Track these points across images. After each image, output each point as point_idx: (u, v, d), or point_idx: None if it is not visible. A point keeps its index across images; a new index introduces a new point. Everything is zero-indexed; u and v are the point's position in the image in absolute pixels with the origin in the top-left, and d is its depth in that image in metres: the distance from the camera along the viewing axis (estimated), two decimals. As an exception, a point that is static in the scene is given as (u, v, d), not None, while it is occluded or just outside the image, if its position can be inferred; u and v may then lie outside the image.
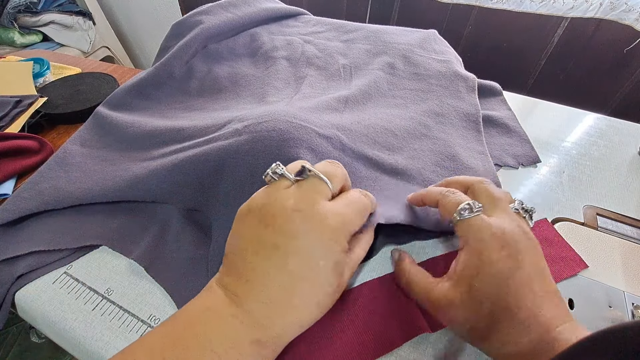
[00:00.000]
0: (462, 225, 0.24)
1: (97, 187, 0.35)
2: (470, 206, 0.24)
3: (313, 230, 0.21)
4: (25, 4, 1.21)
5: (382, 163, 0.36)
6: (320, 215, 0.21)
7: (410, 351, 0.26)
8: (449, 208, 0.25)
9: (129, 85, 0.48)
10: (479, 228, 0.23)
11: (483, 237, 0.22)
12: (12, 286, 0.30)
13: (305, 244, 0.20)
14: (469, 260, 0.23)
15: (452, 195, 0.26)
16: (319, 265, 0.20)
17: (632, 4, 0.81)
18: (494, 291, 0.21)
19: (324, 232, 0.21)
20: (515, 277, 0.21)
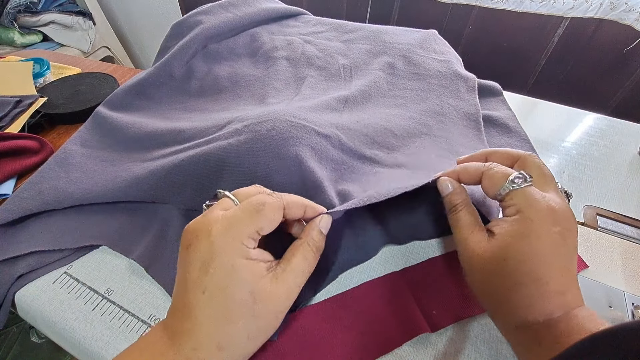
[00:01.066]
0: (516, 194, 0.23)
1: (97, 188, 0.35)
2: (524, 176, 0.23)
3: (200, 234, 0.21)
4: (25, 4, 1.21)
5: (381, 162, 0.36)
6: (208, 221, 0.21)
7: (410, 351, 0.26)
8: (496, 179, 0.24)
9: (129, 85, 0.48)
10: (536, 198, 0.22)
11: (539, 208, 0.22)
12: (12, 286, 0.30)
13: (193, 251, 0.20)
14: (519, 226, 0.22)
15: (498, 167, 0.25)
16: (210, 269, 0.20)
17: (632, 4, 0.81)
18: (534, 260, 0.21)
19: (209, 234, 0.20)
20: (560, 254, 0.21)
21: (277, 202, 0.22)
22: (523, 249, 0.21)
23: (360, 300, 0.28)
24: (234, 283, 0.20)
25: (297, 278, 0.22)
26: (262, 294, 0.20)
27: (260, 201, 0.22)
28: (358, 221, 0.32)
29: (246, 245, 0.21)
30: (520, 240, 0.21)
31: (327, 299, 0.28)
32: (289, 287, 0.22)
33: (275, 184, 0.31)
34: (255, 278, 0.20)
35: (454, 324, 0.27)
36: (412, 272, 0.30)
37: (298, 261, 0.23)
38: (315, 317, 0.27)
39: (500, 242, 0.22)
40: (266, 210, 0.22)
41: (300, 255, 0.23)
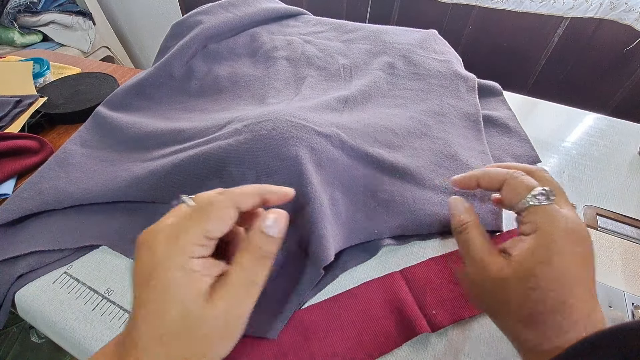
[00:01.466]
0: (536, 211, 0.22)
1: (97, 188, 0.35)
2: (547, 193, 0.22)
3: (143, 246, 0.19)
4: (25, 4, 1.21)
5: (382, 160, 0.36)
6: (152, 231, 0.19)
7: (410, 351, 0.26)
8: (519, 190, 0.23)
9: (129, 85, 0.48)
10: (557, 217, 0.21)
11: (562, 228, 0.21)
12: (12, 286, 0.30)
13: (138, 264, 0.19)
14: (540, 247, 0.21)
15: (523, 176, 0.23)
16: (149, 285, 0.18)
17: (632, 4, 0.81)
18: (557, 283, 0.20)
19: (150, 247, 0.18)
20: (583, 276, 0.20)
21: (224, 199, 0.20)
22: (551, 273, 0.20)
23: (360, 300, 0.28)
24: (166, 302, 0.18)
25: (237, 295, 0.19)
26: (192, 317, 0.18)
27: (206, 201, 0.20)
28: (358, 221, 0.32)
29: (191, 256, 0.18)
30: (547, 265, 0.20)
31: (327, 299, 0.28)
32: (226, 308, 0.18)
33: (275, 184, 0.31)
34: (189, 297, 0.18)
35: (454, 324, 0.27)
36: (412, 272, 0.30)
37: (233, 275, 0.19)
38: (315, 317, 0.27)
39: (524, 267, 0.21)
40: (213, 210, 0.19)
41: (237, 267, 0.19)
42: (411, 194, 0.34)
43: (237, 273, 0.19)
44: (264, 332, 0.26)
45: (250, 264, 0.20)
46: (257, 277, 0.20)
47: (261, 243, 0.20)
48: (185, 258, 0.18)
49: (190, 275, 0.18)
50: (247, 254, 0.20)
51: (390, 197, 0.34)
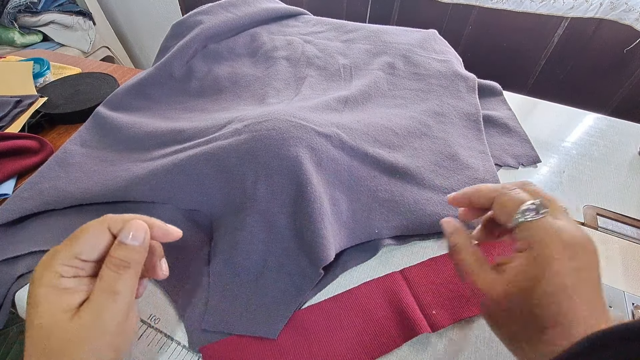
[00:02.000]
0: (528, 227, 0.21)
1: (97, 188, 0.35)
2: (536, 206, 0.21)
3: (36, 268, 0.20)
4: (25, 4, 1.21)
5: (382, 160, 0.36)
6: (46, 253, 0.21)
7: (410, 351, 0.26)
8: (508, 207, 0.22)
9: (129, 85, 0.48)
10: (547, 233, 0.20)
11: (553, 244, 0.20)
12: (12, 286, 0.30)
13: None
14: (531, 265, 0.20)
15: (512, 192, 0.23)
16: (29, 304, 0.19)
17: (632, 4, 0.81)
18: (552, 303, 0.19)
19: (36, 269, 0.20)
20: (580, 292, 0.19)
21: (96, 224, 0.22)
22: (544, 291, 0.19)
23: (360, 300, 0.28)
24: (32, 315, 0.19)
25: (102, 307, 0.20)
26: (56, 331, 0.19)
27: (82, 227, 0.22)
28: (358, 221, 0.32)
29: (60, 273, 0.20)
30: (539, 283, 0.20)
31: (327, 299, 0.28)
32: (91, 318, 0.19)
33: (276, 185, 0.31)
34: (52, 312, 0.19)
35: (453, 324, 0.27)
36: (412, 272, 0.30)
37: (96, 289, 0.20)
38: (316, 317, 0.27)
39: (516, 284, 0.21)
40: (82, 234, 0.21)
41: (98, 279, 0.20)
42: (411, 194, 0.34)
43: (97, 284, 0.20)
44: (264, 332, 0.26)
45: (109, 274, 0.20)
46: (116, 286, 0.20)
47: (118, 253, 0.21)
48: (55, 277, 0.20)
49: (54, 291, 0.19)
50: (106, 266, 0.21)
51: (391, 197, 0.34)
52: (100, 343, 0.20)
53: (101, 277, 0.20)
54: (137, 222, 0.22)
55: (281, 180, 0.31)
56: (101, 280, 0.20)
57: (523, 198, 0.22)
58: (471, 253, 0.24)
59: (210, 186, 0.33)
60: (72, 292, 0.20)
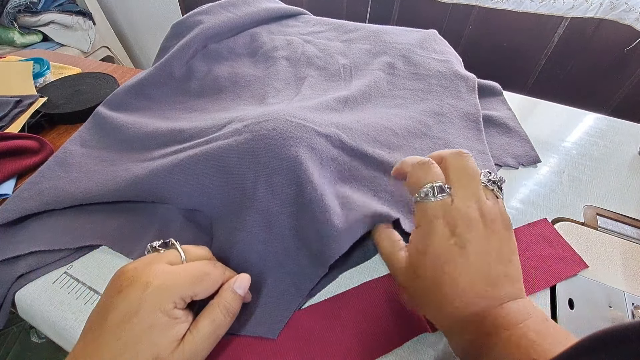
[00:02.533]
0: (420, 207, 0.24)
1: (97, 188, 0.35)
2: (434, 190, 0.23)
3: (136, 283, 0.21)
4: (25, 4, 1.21)
5: (382, 161, 0.36)
6: (149, 272, 0.22)
7: (410, 351, 0.26)
8: (413, 185, 0.25)
9: (129, 85, 0.48)
10: (434, 213, 0.23)
11: (434, 224, 0.23)
12: (12, 286, 0.30)
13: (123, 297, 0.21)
14: (418, 243, 0.24)
15: (420, 170, 0.25)
16: (132, 321, 0.20)
17: (632, 4, 0.81)
18: (433, 279, 0.22)
19: (146, 287, 0.21)
20: (457, 267, 0.22)
21: (219, 276, 0.24)
22: (425, 264, 0.23)
23: (360, 300, 0.28)
24: (144, 341, 0.20)
25: (204, 343, 0.22)
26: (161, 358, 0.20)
27: (204, 271, 0.23)
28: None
29: (176, 304, 0.21)
30: (422, 256, 0.23)
31: (327, 299, 0.28)
32: (191, 354, 0.21)
33: (275, 185, 0.31)
34: (165, 342, 0.20)
35: (454, 324, 0.27)
36: (412, 272, 0.30)
37: (205, 325, 0.22)
38: (316, 317, 0.27)
39: (412, 257, 0.24)
40: (206, 281, 0.23)
41: (208, 319, 0.23)
42: None
43: (208, 324, 0.22)
44: (264, 332, 0.26)
45: (220, 319, 0.23)
46: (221, 330, 0.23)
47: (229, 300, 0.24)
48: (171, 306, 0.21)
49: (171, 321, 0.21)
50: (218, 309, 0.23)
51: (391, 198, 0.34)
52: None
53: (212, 318, 0.22)
54: (245, 276, 0.25)
55: (281, 180, 0.31)
56: (212, 322, 0.22)
57: (426, 178, 0.24)
58: (386, 236, 0.27)
59: (210, 186, 0.33)
60: (180, 323, 0.21)
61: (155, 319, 0.20)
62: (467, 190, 0.23)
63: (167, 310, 0.21)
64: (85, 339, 0.21)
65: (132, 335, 0.20)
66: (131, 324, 0.20)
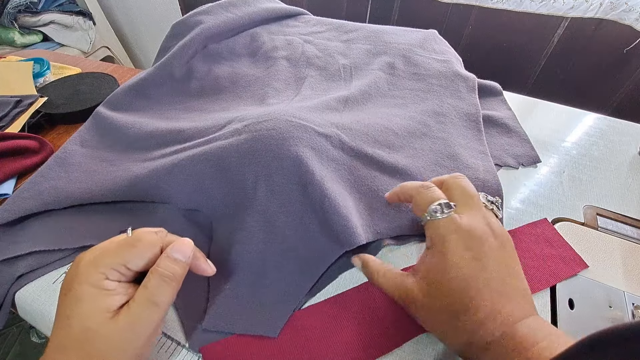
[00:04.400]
0: (431, 225, 0.24)
1: (98, 188, 0.35)
2: (442, 206, 0.24)
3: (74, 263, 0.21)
4: (25, 4, 1.21)
5: (382, 161, 0.36)
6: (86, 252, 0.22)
7: (410, 351, 0.26)
8: (421, 206, 0.25)
9: (129, 85, 0.48)
10: (446, 229, 0.23)
11: (448, 239, 0.23)
12: (12, 286, 0.30)
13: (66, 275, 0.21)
14: (434, 261, 0.23)
15: (426, 191, 0.25)
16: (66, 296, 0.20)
17: (632, 4, 0.81)
18: (455, 293, 0.22)
19: (78, 264, 0.21)
20: (478, 279, 0.21)
21: (155, 241, 0.23)
22: (442, 282, 0.22)
23: (360, 301, 0.28)
24: (74, 313, 0.20)
25: (140, 312, 0.21)
26: (97, 331, 0.20)
27: (137, 237, 0.23)
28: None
29: (105, 275, 0.21)
30: (439, 275, 0.22)
31: (327, 299, 0.28)
32: (128, 324, 0.20)
33: (275, 185, 0.31)
34: (95, 312, 0.20)
35: (454, 324, 0.27)
36: (412, 272, 0.30)
37: (139, 294, 0.21)
38: (315, 317, 0.27)
39: (427, 279, 0.23)
40: (137, 248, 0.22)
41: (142, 287, 0.21)
42: None
43: (140, 292, 0.21)
44: (265, 331, 0.26)
45: (153, 285, 0.21)
46: (158, 297, 0.21)
47: (165, 266, 0.22)
48: (101, 277, 0.20)
49: (100, 292, 0.20)
50: (152, 276, 0.22)
51: None
52: (130, 350, 0.20)
53: (145, 286, 0.21)
54: (185, 240, 0.24)
55: (281, 180, 0.31)
56: (145, 289, 0.21)
57: (433, 197, 0.24)
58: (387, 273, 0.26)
59: (210, 186, 0.33)
60: (113, 294, 0.21)
61: (82, 291, 0.20)
62: (472, 207, 0.24)
63: (94, 281, 0.20)
64: None
65: (65, 309, 0.20)
66: (65, 299, 0.20)
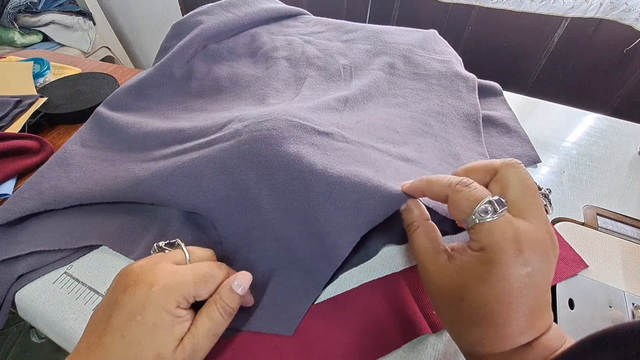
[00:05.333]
0: (481, 229, 0.19)
1: (98, 188, 0.35)
2: (493, 205, 0.19)
3: (142, 282, 0.21)
4: (25, 4, 1.21)
5: (390, 152, 0.36)
6: (155, 272, 0.22)
7: (410, 351, 0.26)
8: (462, 206, 0.20)
9: (129, 85, 0.48)
10: (504, 236, 0.19)
11: (505, 250, 0.19)
12: (12, 286, 0.30)
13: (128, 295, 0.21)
14: (482, 267, 0.19)
15: (467, 189, 0.21)
16: (136, 319, 0.20)
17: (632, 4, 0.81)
18: (494, 306, 0.19)
19: (151, 286, 0.21)
20: (525, 297, 0.19)
21: (222, 278, 0.24)
22: (483, 292, 0.19)
23: (360, 301, 0.28)
24: (147, 340, 0.20)
25: (202, 341, 0.22)
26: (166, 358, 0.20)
27: (209, 272, 0.24)
28: None
29: (179, 304, 0.22)
30: (481, 284, 0.19)
31: (327, 299, 0.28)
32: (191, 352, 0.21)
33: (278, 182, 0.31)
34: (168, 341, 0.21)
35: (454, 324, 0.27)
36: (412, 272, 0.30)
37: (203, 323, 0.22)
38: (315, 317, 0.27)
39: (459, 279, 0.20)
40: (210, 282, 0.23)
41: (206, 317, 0.23)
42: None
43: (206, 323, 0.22)
44: (280, 329, 0.26)
45: (217, 317, 0.23)
46: (219, 329, 0.23)
47: (228, 299, 0.23)
48: (174, 305, 0.21)
49: (174, 320, 0.21)
50: (216, 308, 0.23)
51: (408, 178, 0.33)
52: None
53: (210, 317, 0.22)
54: (246, 274, 0.25)
55: (283, 177, 0.31)
56: (209, 320, 0.22)
57: (478, 196, 0.20)
58: (425, 232, 0.23)
59: (212, 188, 0.33)
60: (183, 322, 0.22)
61: (159, 318, 0.21)
62: (532, 208, 0.20)
63: (170, 309, 0.21)
64: (88, 337, 0.21)
65: (135, 334, 0.20)
66: (135, 322, 0.20)
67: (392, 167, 0.32)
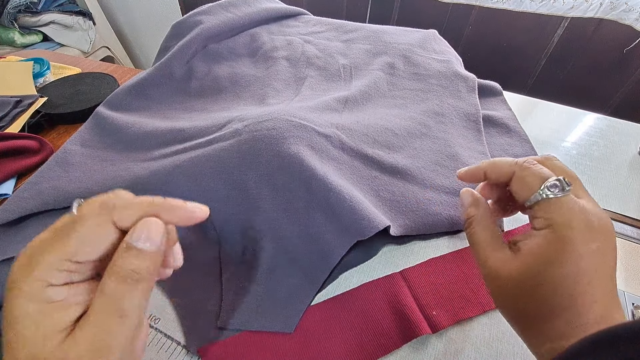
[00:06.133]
0: (549, 205, 0.19)
1: (98, 187, 0.35)
2: (561, 183, 0.20)
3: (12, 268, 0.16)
4: (25, 4, 1.21)
5: (382, 162, 0.36)
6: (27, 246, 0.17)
7: (410, 351, 0.26)
8: (530, 182, 0.20)
9: (129, 85, 0.48)
10: (572, 212, 0.19)
11: (578, 224, 0.19)
12: (12, 286, 0.30)
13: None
14: (551, 244, 0.19)
15: (534, 167, 0.21)
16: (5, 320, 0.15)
17: (632, 4, 0.81)
18: (570, 285, 0.18)
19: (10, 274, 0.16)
20: (601, 274, 0.18)
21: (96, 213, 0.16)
22: (561, 274, 0.18)
23: (360, 301, 0.28)
24: (14, 340, 0.14)
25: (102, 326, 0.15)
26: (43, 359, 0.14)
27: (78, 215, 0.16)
28: None
29: (47, 281, 0.15)
30: (557, 265, 0.18)
31: (327, 300, 0.28)
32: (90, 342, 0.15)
33: (278, 183, 0.31)
34: (41, 336, 0.14)
35: (454, 324, 0.27)
36: (412, 272, 0.30)
37: (96, 303, 0.15)
38: (315, 318, 0.27)
39: (532, 265, 0.19)
40: (78, 228, 0.16)
41: (99, 293, 0.15)
42: (413, 194, 0.34)
43: (98, 301, 0.15)
44: (280, 327, 0.26)
45: (113, 288, 0.15)
46: (123, 303, 0.15)
47: (125, 261, 0.16)
48: (41, 286, 0.15)
49: (42, 307, 0.15)
50: (109, 277, 0.15)
51: (392, 197, 0.34)
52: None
53: (102, 292, 0.15)
54: (152, 221, 0.17)
55: (284, 178, 0.31)
56: (102, 296, 0.15)
57: (546, 174, 0.20)
58: (485, 227, 0.23)
59: (211, 188, 0.33)
60: (65, 306, 0.15)
61: (19, 309, 0.15)
62: (585, 192, 0.21)
63: (31, 293, 0.15)
64: None
65: (5, 337, 0.15)
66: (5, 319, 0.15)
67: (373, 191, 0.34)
